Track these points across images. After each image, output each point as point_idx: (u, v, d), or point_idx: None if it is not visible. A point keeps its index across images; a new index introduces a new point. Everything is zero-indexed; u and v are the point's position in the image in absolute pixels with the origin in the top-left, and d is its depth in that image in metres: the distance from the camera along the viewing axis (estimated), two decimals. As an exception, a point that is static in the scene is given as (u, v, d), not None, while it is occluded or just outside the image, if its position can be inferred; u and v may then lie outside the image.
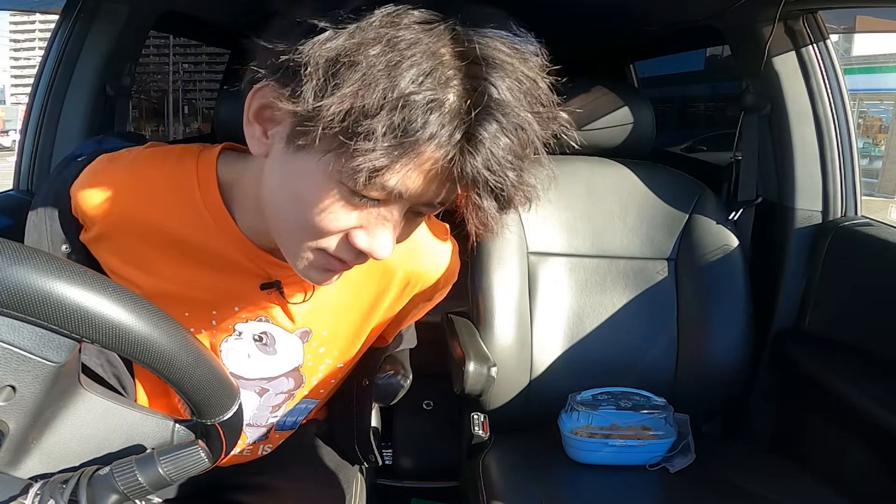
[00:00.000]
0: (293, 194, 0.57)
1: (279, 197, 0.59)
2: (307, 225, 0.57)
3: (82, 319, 0.44)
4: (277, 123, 0.56)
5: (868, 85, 9.62)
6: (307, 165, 0.54)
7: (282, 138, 0.56)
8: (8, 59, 37.95)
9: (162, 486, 0.53)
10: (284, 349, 0.81)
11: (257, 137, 0.59)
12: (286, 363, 0.82)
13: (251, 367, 0.81)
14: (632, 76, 2.60)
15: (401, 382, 1.05)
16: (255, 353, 0.80)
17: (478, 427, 1.23)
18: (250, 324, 0.77)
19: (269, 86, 0.54)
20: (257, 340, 0.79)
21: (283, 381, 0.84)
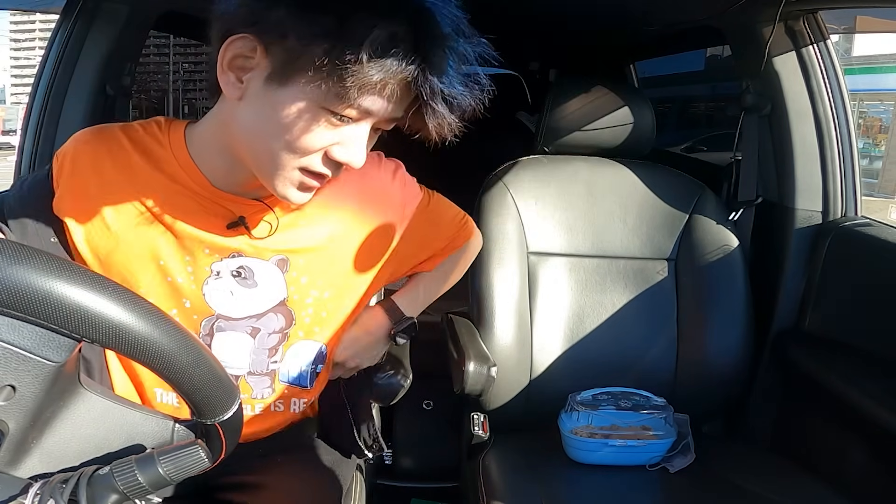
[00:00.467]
0: (277, 122, 0.67)
1: (261, 127, 0.69)
2: (292, 146, 0.68)
3: (82, 319, 0.44)
4: (251, 69, 0.68)
5: (868, 85, 9.62)
6: (290, 96, 0.66)
7: (259, 79, 0.67)
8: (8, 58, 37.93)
9: (162, 486, 0.53)
10: (264, 280, 0.84)
11: (232, 83, 0.69)
12: (270, 296, 0.85)
13: (237, 305, 0.84)
14: (632, 76, 2.60)
15: (401, 382, 1.05)
16: (238, 289, 0.84)
17: (478, 427, 1.23)
18: (225, 262, 0.82)
19: (244, 38, 0.66)
20: (236, 276, 0.83)
21: (273, 318, 0.86)
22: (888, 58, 9.32)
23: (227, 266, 0.83)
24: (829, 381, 1.19)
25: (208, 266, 0.82)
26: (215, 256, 0.82)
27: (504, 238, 1.31)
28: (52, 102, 1.36)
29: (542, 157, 1.41)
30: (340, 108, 0.66)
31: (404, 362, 1.11)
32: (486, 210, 1.33)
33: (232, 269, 0.83)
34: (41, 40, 31.40)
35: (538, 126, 1.42)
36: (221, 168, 0.78)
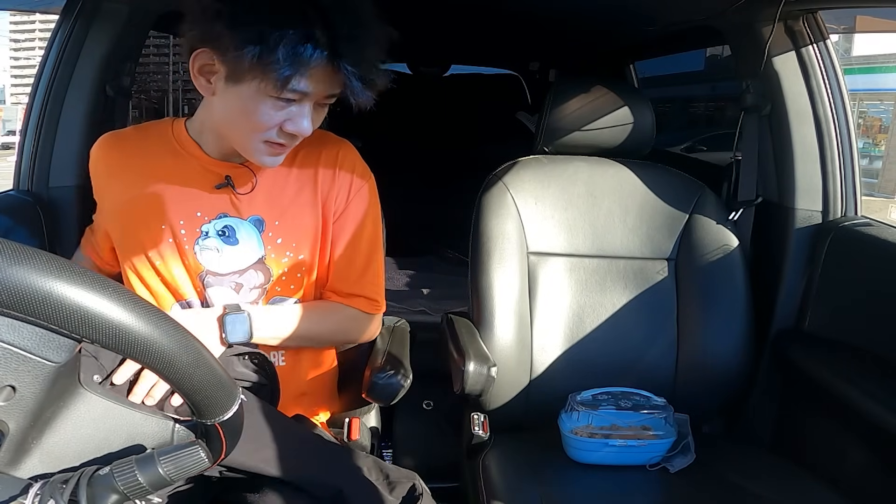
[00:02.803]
0: (240, 110, 0.90)
1: (230, 115, 0.91)
2: (253, 126, 0.90)
3: (82, 319, 0.43)
4: (215, 73, 0.89)
5: (868, 85, 9.63)
6: (243, 91, 0.87)
7: (221, 80, 0.89)
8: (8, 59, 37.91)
9: (162, 486, 0.53)
10: (244, 238, 0.99)
11: (203, 85, 0.91)
12: (250, 254, 0.99)
13: (222, 262, 0.99)
14: (632, 76, 2.60)
15: (401, 382, 1.05)
16: (223, 248, 0.99)
17: (478, 427, 1.23)
18: (212, 223, 0.99)
19: (204, 51, 0.87)
20: (221, 235, 0.99)
21: (253, 274, 1.00)
22: (888, 58, 9.32)
23: (213, 227, 0.98)
24: (829, 381, 1.19)
25: (198, 227, 0.98)
26: (204, 218, 0.98)
27: (504, 238, 1.31)
28: (51, 102, 1.36)
29: (542, 157, 1.41)
30: (281, 94, 0.86)
31: (404, 362, 1.11)
32: (486, 210, 1.33)
33: (218, 229, 0.98)
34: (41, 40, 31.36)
35: (538, 126, 1.42)
36: (213, 142, 0.99)
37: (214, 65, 0.88)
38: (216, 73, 0.89)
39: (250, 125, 0.90)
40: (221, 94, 0.90)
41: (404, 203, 1.92)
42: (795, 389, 1.33)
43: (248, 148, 0.93)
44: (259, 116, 0.89)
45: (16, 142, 1.66)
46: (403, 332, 1.28)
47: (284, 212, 1.01)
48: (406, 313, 1.66)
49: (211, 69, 0.89)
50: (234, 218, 0.99)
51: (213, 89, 0.90)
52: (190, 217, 0.98)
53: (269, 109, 0.88)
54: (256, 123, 0.89)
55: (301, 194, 1.02)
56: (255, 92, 0.87)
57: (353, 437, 1.12)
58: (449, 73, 3.19)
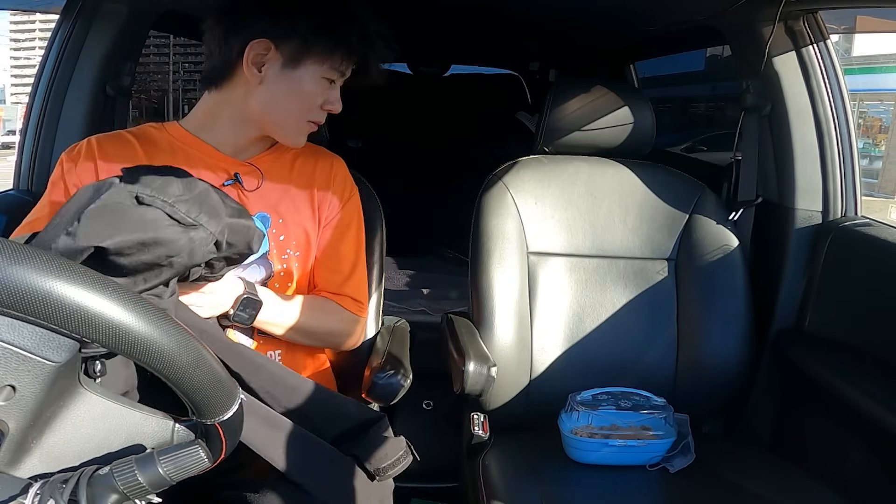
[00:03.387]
0: (293, 93, 1.00)
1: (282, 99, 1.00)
2: (306, 106, 1.02)
3: (82, 319, 0.43)
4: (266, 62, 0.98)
5: (868, 85, 9.62)
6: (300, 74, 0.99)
7: (276, 67, 0.98)
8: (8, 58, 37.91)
9: (162, 486, 0.53)
10: None
11: (253, 73, 0.98)
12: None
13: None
14: (632, 76, 2.60)
15: (401, 382, 1.05)
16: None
17: (478, 427, 1.23)
18: None
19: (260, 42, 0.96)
20: None
21: (255, 269, 1.03)
22: (888, 58, 9.32)
23: None
24: (829, 381, 1.19)
25: None
26: None
27: (504, 238, 1.31)
28: (52, 102, 1.36)
29: (542, 157, 1.41)
30: (334, 76, 1.01)
31: (404, 362, 1.11)
32: (486, 210, 1.33)
33: None
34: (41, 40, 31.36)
35: (538, 126, 1.42)
36: (229, 135, 1.03)
37: (269, 53, 0.97)
38: (270, 61, 0.97)
39: (303, 105, 1.01)
40: (273, 80, 0.98)
41: (404, 203, 1.92)
42: (795, 389, 1.33)
43: (293, 129, 1.03)
44: (313, 96, 1.01)
45: (16, 142, 1.66)
46: (403, 332, 1.28)
47: (287, 211, 1.05)
48: (406, 313, 1.66)
49: (263, 58, 0.97)
50: None
51: (262, 77, 0.98)
52: None
53: (320, 89, 1.01)
54: (309, 103, 1.01)
55: (300, 197, 1.07)
56: (313, 74, 0.99)
57: (353, 437, 1.12)
58: (449, 73, 3.19)
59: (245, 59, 0.97)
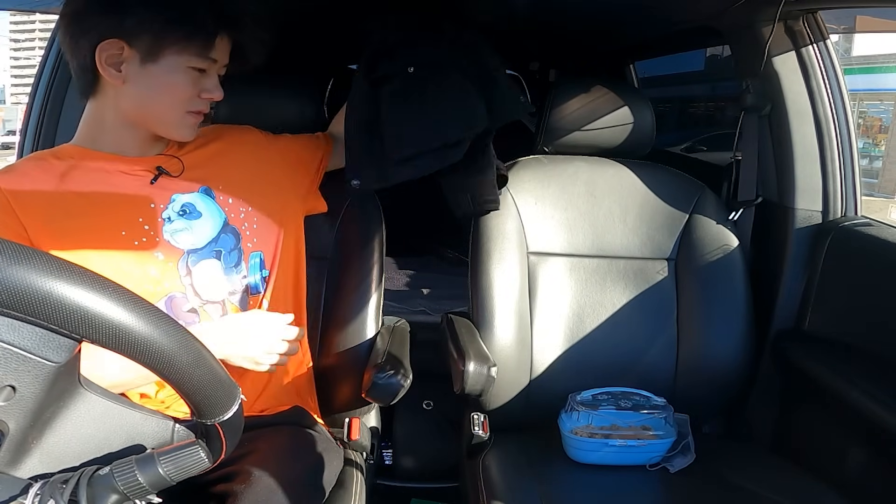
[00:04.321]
0: (164, 86, 0.97)
1: (151, 95, 0.97)
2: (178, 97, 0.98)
3: (82, 319, 0.43)
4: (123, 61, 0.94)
5: (868, 85, 9.62)
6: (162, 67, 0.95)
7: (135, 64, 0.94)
8: (8, 59, 37.85)
9: (162, 486, 0.53)
10: (204, 209, 1.03)
11: (113, 74, 0.94)
12: (215, 219, 1.04)
13: (197, 236, 1.01)
14: (632, 76, 2.60)
15: (401, 382, 1.05)
16: (189, 224, 1.02)
17: (478, 427, 1.23)
18: (169, 207, 1.01)
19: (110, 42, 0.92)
20: (182, 214, 1.01)
21: (226, 239, 1.04)
22: (888, 58, 9.32)
23: (172, 210, 1.01)
24: (829, 381, 1.19)
25: (158, 217, 1.00)
26: (160, 206, 1.00)
27: (504, 238, 1.31)
28: (51, 102, 1.36)
29: (542, 157, 1.41)
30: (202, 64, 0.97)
31: (404, 362, 1.11)
32: (486, 210, 1.33)
33: (177, 210, 1.01)
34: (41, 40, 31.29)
35: (538, 126, 1.42)
36: (126, 139, 1.00)
37: (123, 52, 0.93)
38: (127, 59, 0.93)
39: (174, 98, 0.98)
40: (136, 77, 0.95)
41: (404, 203, 1.92)
42: (795, 389, 1.33)
43: (173, 122, 1.00)
44: (182, 87, 0.97)
45: (16, 142, 1.66)
46: (403, 332, 1.28)
47: (220, 175, 1.07)
48: (406, 313, 1.66)
49: (120, 58, 0.93)
50: (186, 194, 1.03)
51: (123, 77, 0.94)
52: (147, 213, 0.99)
53: (189, 79, 0.98)
54: (180, 95, 0.98)
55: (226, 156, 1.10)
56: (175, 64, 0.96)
57: (353, 436, 1.12)
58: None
59: (98, 62, 0.93)
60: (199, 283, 1.00)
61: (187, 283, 1.00)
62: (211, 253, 1.02)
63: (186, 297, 0.99)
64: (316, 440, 1.01)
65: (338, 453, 1.05)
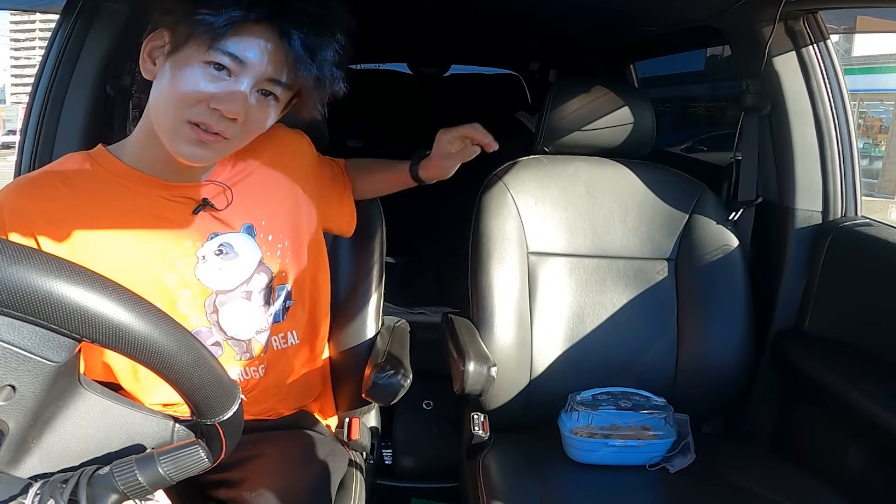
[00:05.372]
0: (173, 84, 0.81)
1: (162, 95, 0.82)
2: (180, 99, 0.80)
3: (82, 319, 0.44)
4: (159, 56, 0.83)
5: (868, 85, 9.62)
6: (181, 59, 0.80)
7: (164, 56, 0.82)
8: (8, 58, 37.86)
9: (162, 486, 0.53)
10: (242, 249, 0.97)
11: (148, 68, 0.84)
12: (250, 261, 0.98)
13: (229, 278, 0.96)
14: (632, 76, 2.60)
15: (401, 382, 1.05)
16: (224, 265, 0.95)
17: (478, 427, 1.23)
18: (206, 246, 0.94)
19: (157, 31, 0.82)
20: (219, 254, 0.95)
21: (258, 279, 0.99)
22: (888, 58, 9.32)
23: (209, 248, 0.94)
24: (829, 381, 1.19)
25: (194, 254, 0.93)
26: (197, 244, 0.93)
27: (504, 238, 1.31)
28: (51, 102, 1.36)
29: (542, 157, 1.41)
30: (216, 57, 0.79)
31: (404, 362, 1.11)
32: (486, 210, 1.33)
33: (214, 250, 0.94)
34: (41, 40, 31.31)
35: (538, 126, 1.42)
36: (160, 160, 0.88)
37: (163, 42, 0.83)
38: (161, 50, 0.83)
39: (177, 99, 0.80)
40: (161, 73, 0.83)
41: (404, 203, 1.92)
42: (795, 389, 1.33)
43: (171, 133, 0.83)
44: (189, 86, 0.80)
45: (16, 142, 1.66)
46: (403, 332, 1.28)
47: (266, 209, 1.00)
48: (406, 313, 1.66)
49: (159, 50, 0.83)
50: (227, 233, 0.96)
51: (155, 71, 0.84)
52: (182, 250, 0.93)
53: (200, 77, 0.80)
54: (184, 95, 0.80)
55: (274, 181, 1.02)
56: (191, 57, 0.80)
57: (353, 436, 1.13)
58: (449, 73, 3.19)
59: (143, 52, 0.84)
60: (225, 322, 0.97)
61: (213, 320, 0.96)
62: (241, 294, 0.97)
63: (211, 332, 0.97)
64: (323, 443, 1.01)
65: (343, 455, 1.05)
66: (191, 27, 0.78)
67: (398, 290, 2.18)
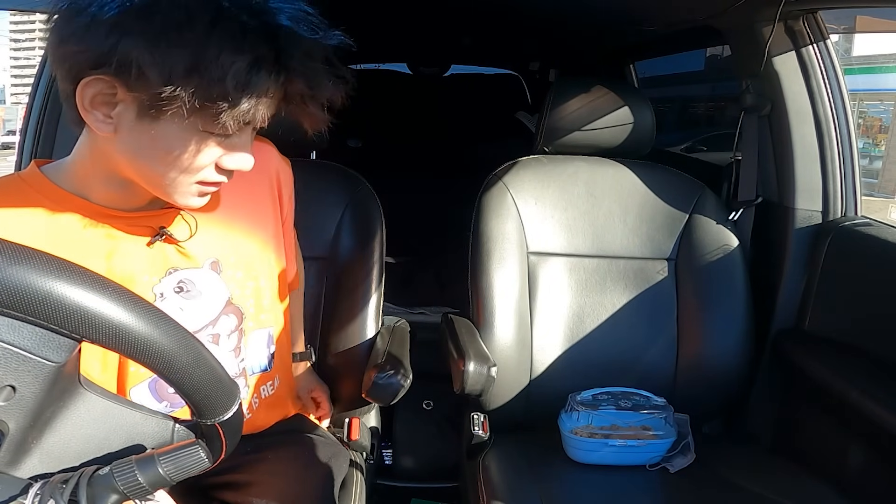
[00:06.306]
0: (163, 151, 0.69)
1: (146, 155, 0.70)
2: (183, 169, 0.71)
3: (82, 319, 0.44)
4: (115, 105, 0.67)
5: (868, 85, 9.61)
6: (167, 128, 0.67)
7: (130, 115, 0.67)
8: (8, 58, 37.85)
9: (162, 486, 0.53)
10: (206, 287, 0.86)
11: (101, 120, 0.68)
12: (216, 300, 0.88)
13: (191, 319, 0.85)
14: (632, 76, 2.60)
15: (401, 382, 1.05)
16: (186, 304, 0.85)
17: (478, 427, 1.23)
18: (164, 282, 0.83)
19: (98, 79, 0.64)
20: (179, 292, 0.84)
21: (226, 320, 0.89)
22: (888, 58, 9.31)
23: (167, 285, 0.83)
24: (829, 381, 1.19)
25: (150, 291, 0.82)
26: (154, 279, 0.82)
27: (504, 238, 1.31)
28: (51, 102, 1.36)
29: (542, 157, 1.41)
30: (220, 130, 0.68)
31: (404, 362, 1.11)
32: (486, 210, 1.33)
33: (173, 286, 0.84)
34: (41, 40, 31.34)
35: (538, 126, 1.42)
36: (117, 193, 0.77)
37: (117, 93, 0.66)
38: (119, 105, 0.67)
39: (178, 168, 0.71)
40: (130, 130, 0.68)
41: (404, 203, 1.92)
42: (795, 389, 1.33)
43: (174, 192, 0.74)
44: (191, 157, 0.70)
45: (16, 142, 1.66)
46: (403, 332, 1.28)
47: (237, 242, 0.90)
48: (406, 313, 1.66)
49: (111, 99, 0.66)
50: (188, 270, 0.85)
51: (115, 125, 0.68)
52: (138, 284, 0.81)
53: (204, 146, 0.70)
54: (187, 166, 0.70)
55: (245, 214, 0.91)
56: (184, 128, 0.67)
57: (353, 437, 1.13)
58: (449, 73, 3.19)
59: (79, 102, 0.66)
60: None
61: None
62: (206, 337, 0.87)
63: None
64: (325, 446, 1.01)
65: (345, 457, 1.05)
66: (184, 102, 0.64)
67: (398, 290, 2.18)
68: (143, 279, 0.81)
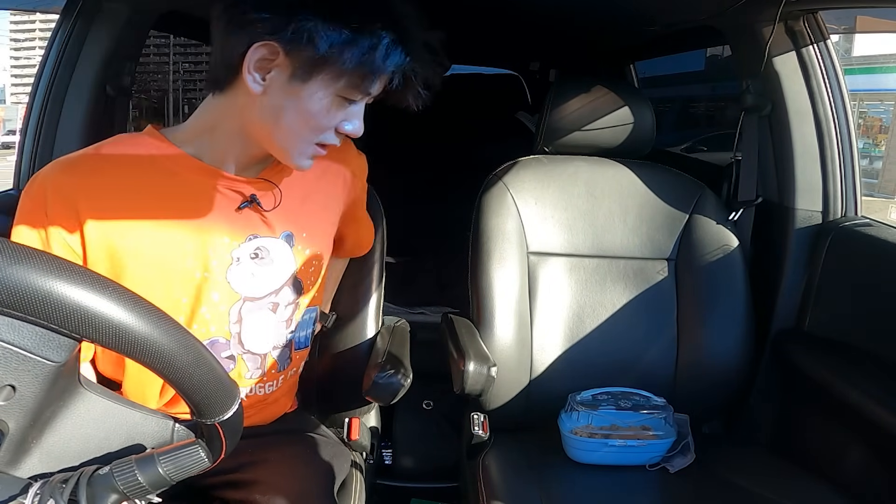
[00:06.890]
0: (302, 109, 0.82)
1: (286, 114, 0.83)
2: (313, 127, 0.84)
3: (82, 319, 0.44)
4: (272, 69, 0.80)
5: (868, 85, 9.61)
6: (312, 89, 0.81)
7: (283, 77, 0.80)
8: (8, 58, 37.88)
9: (162, 486, 0.53)
10: (278, 256, 0.94)
11: (255, 80, 0.81)
12: (284, 271, 0.94)
13: (258, 285, 0.92)
14: (632, 76, 2.60)
15: (401, 382, 1.05)
16: (258, 270, 0.92)
17: (478, 427, 1.23)
18: (243, 247, 0.91)
19: (267, 45, 0.78)
20: (254, 258, 0.92)
21: (287, 291, 0.96)
22: (888, 58, 9.31)
23: (245, 250, 0.91)
24: (829, 381, 1.19)
25: (229, 254, 0.89)
26: (234, 244, 0.90)
27: (504, 238, 1.31)
28: (52, 102, 1.36)
29: (542, 157, 1.41)
30: (354, 95, 0.83)
31: (404, 362, 1.11)
32: (486, 210, 1.33)
33: (250, 252, 0.91)
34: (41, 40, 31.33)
35: (538, 126, 1.42)
36: (231, 150, 0.87)
37: (277, 59, 0.79)
38: (277, 69, 0.80)
39: (309, 126, 0.84)
40: (278, 91, 0.81)
41: (404, 203, 1.92)
42: (795, 389, 1.33)
43: (295, 150, 0.86)
44: (322, 117, 0.83)
45: (16, 142, 1.66)
46: (403, 332, 1.28)
47: (309, 221, 0.97)
48: (406, 313, 1.66)
49: (269, 64, 0.80)
50: (267, 238, 0.92)
51: (265, 87, 0.81)
52: (218, 246, 0.89)
53: (334, 109, 0.84)
54: (317, 124, 0.84)
55: (319, 199, 0.99)
56: (326, 91, 0.81)
57: (353, 436, 1.13)
58: (449, 73, 3.19)
59: (246, 63, 0.79)
60: (246, 333, 0.93)
61: (234, 331, 0.92)
62: (267, 305, 0.94)
63: (229, 345, 0.92)
64: (326, 446, 1.02)
65: (346, 457, 1.05)
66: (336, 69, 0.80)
67: (398, 290, 2.18)
68: (224, 240, 0.89)
